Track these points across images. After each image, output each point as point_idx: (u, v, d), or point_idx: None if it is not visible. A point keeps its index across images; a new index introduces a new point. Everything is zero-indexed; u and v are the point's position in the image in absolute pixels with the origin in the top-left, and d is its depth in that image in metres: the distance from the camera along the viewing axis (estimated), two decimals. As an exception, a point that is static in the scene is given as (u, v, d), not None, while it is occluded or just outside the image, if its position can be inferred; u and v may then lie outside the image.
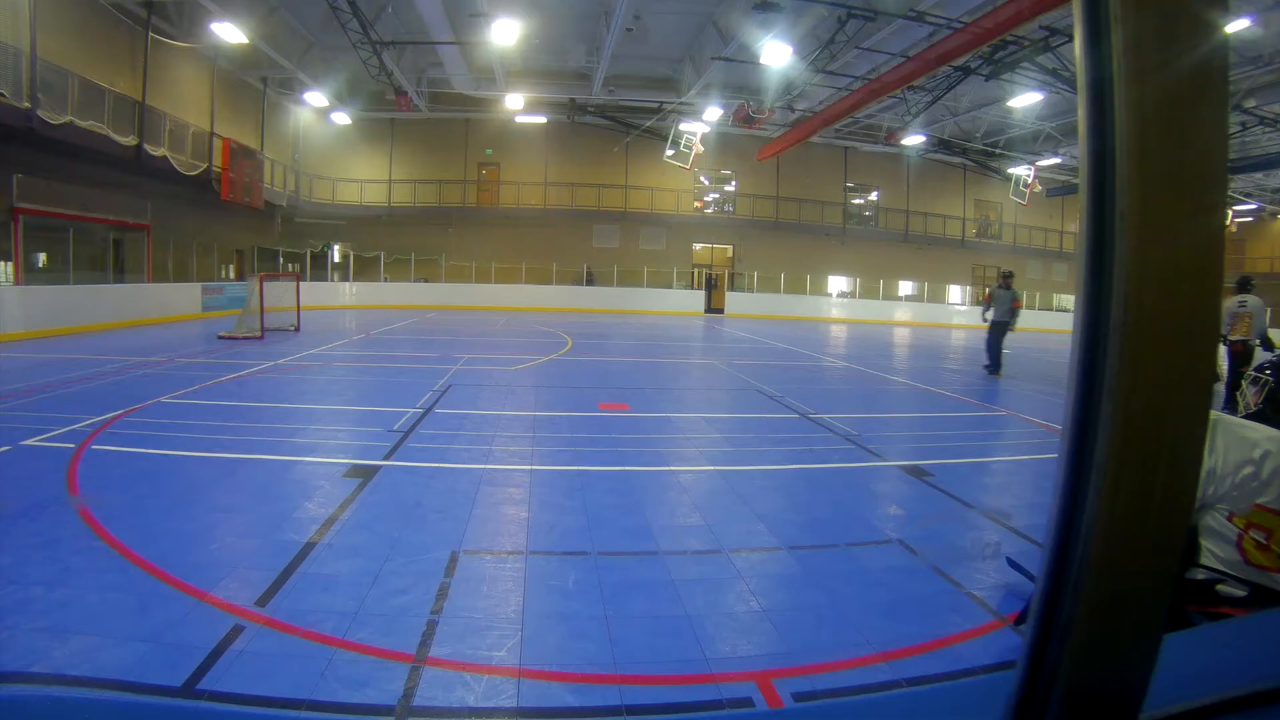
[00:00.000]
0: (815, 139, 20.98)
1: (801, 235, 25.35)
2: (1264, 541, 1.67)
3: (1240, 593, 1.67)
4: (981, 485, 4.52)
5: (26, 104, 10.65)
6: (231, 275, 18.88)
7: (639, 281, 23.43)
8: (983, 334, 10.79)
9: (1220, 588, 1.70)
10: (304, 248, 21.36)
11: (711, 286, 24.17)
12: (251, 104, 19.43)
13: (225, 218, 18.03)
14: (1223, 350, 7.87)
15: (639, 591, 2.63)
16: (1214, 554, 1.72)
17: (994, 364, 10.10)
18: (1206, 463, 1.68)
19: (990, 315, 10.24)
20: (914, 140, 21.95)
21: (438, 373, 7.95)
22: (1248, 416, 1.86)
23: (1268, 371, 1.95)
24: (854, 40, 14.15)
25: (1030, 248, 27.93)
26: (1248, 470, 1.67)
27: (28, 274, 11.60)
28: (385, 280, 22.14)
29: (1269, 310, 8.11)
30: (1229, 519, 1.70)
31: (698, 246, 25.39)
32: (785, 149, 21.33)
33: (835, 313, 24.56)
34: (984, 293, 27.81)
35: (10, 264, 11.35)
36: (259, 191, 18.40)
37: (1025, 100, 17.80)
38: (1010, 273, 10.48)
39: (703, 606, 2.52)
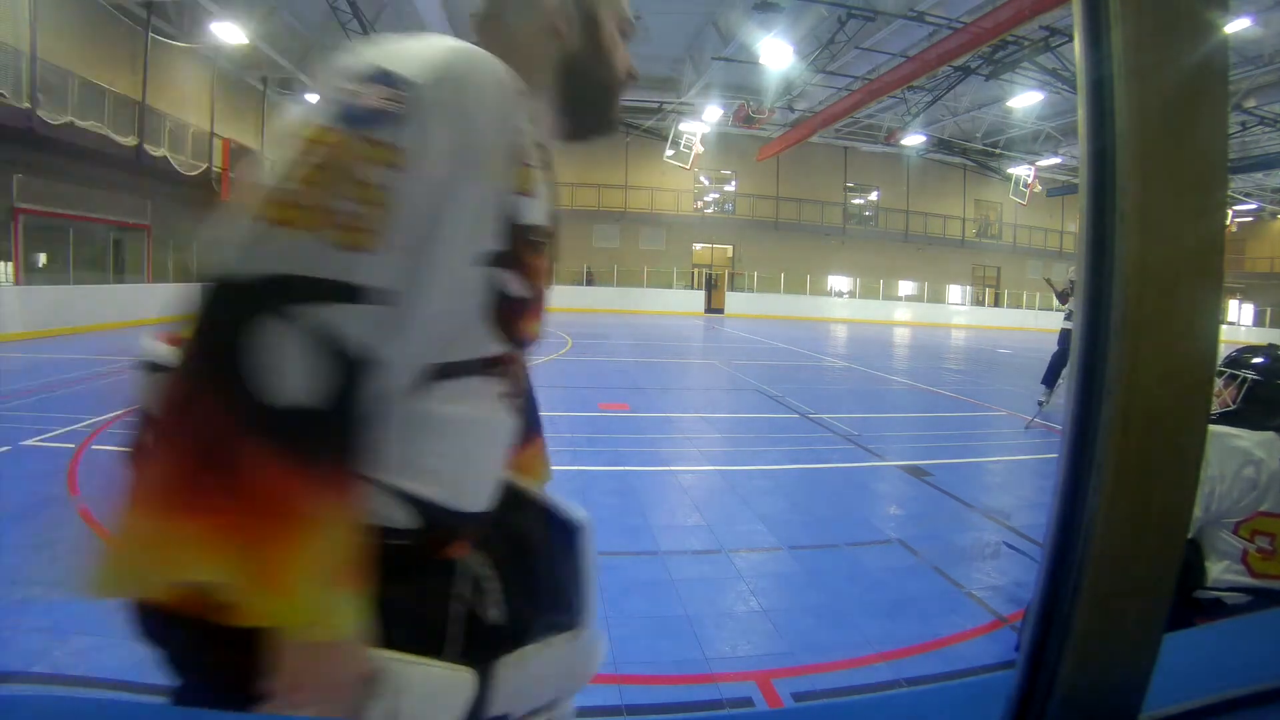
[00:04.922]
0: (815, 139, 20.98)
1: (801, 235, 25.35)
2: (1269, 548, 1.65)
3: (1246, 599, 1.66)
4: (981, 485, 4.53)
5: (27, 104, 10.63)
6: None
7: (639, 281, 23.42)
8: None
9: (1226, 597, 1.68)
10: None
11: (711, 286, 24.17)
12: (252, 104, 19.38)
13: (225, 218, 18.06)
14: None
15: (639, 591, 2.63)
16: (1219, 573, 1.69)
17: None
18: (1205, 479, 1.64)
19: None
20: (914, 140, 21.95)
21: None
22: (1221, 416, 1.77)
23: (1248, 367, 1.78)
24: (854, 40, 14.15)
25: (1030, 247, 27.92)
26: (1246, 478, 1.64)
27: (28, 274, 11.58)
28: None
29: None
30: (1234, 532, 1.67)
31: (698, 246, 25.39)
32: (785, 149, 21.33)
33: (835, 313, 24.56)
34: (992, 292, 28.04)
35: (10, 264, 11.33)
36: (259, 192, 18.42)
37: (1025, 100, 17.80)
38: None
39: (703, 606, 2.52)
